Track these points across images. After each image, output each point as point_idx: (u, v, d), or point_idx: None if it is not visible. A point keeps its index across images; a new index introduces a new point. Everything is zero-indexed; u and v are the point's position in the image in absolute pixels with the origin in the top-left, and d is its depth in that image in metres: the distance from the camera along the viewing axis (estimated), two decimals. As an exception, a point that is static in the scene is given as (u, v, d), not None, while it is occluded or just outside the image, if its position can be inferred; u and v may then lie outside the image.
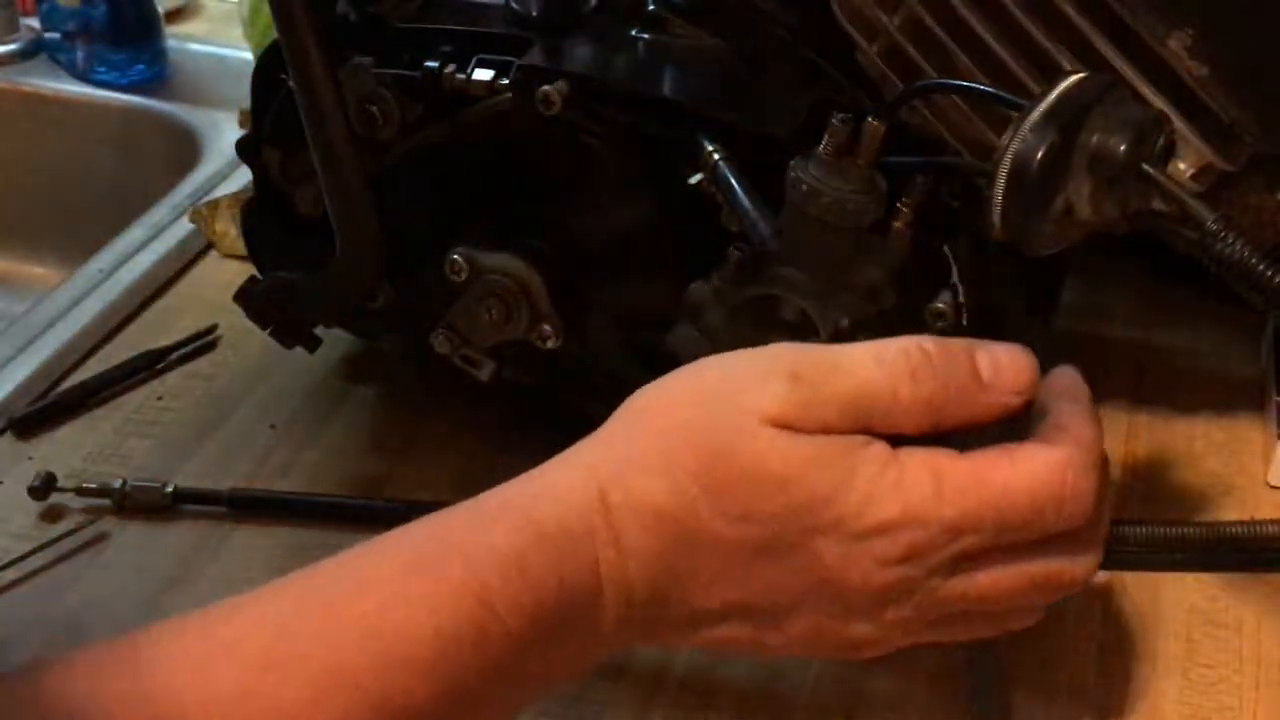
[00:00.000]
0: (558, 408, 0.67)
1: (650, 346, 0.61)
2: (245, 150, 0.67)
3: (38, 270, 1.07)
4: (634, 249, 0.63)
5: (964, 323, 0.59)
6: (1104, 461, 0.49)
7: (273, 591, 0.46)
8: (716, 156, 0.58)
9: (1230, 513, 0.67)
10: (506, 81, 0.60)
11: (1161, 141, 0.50)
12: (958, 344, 0.49)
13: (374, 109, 0.62)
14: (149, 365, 0.76)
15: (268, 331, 0.69)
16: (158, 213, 0.89)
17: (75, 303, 0.80)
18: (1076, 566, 0.50)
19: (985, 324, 0.58)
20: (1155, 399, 0.73)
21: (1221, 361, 0.77)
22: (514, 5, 0.64)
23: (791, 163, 0.57)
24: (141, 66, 1.05)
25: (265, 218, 0.70)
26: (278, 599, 0.46)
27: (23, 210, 1.08)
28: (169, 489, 0.66)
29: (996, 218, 0.49)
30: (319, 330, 0.71)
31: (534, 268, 0.62)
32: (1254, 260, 0.48)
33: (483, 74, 0.61)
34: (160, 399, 0.74)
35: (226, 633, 0.44)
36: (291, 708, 0.43)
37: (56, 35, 1.06)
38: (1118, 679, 0.59)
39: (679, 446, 0.48)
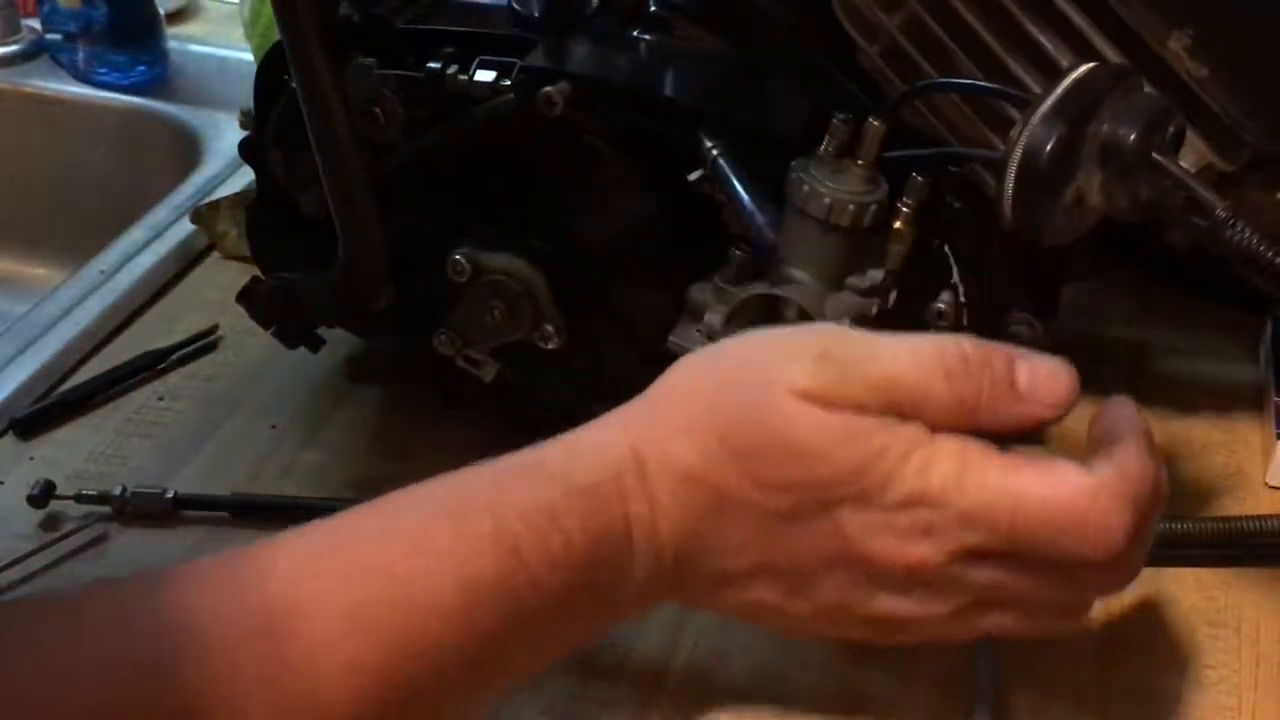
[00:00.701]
0: (560, 409, 0.67)
1: (652, 346, 0.61)
2: (248, 151, 0.68)
3: (39, 271, 1.07)
4: (636, 249, 0.63)
5: (964, 323, 0.59)
6: (1154, 497, 0.48)
7: (293, 537, 0.46)
8: (715, 152, 0.58)
9: (1230, 513, 0.67)
10: (509, 83, 0.60)
11: (1171, 130, 0.50)
12: (999, 350, 0.49)
13: (377, 110, 0.62)
14: (150, 366, 0.76)
15: (271, 332, 0.69)
16: (159, 213, 0.89)
17: (76, 303, 0.80)
18: (1101, 590, 0.51)
19: (985, 324, 0.58)
20: (1155, 399, 0.73)
21: (1221, 361, 0.77)
22: (516, 6, 0.64)
23: (793, 163, 0.57)
24: (143, 68, 1.05)
25: (268, 218, 0.70)
26: (298, 545, 0.46)
27: (24, 211, 1.08)
28: (169, 495, 0.66)
29: (1008, 210, 0.49)
30: (321, 330, 0.71)
31: (536, 268, 0.62)
32: (1262, 247, 0.48)
33: (485, 75, 0.61)
34: (161, 399, 0.74)
35: (248, 575, 0.45)
36: (305, 648, 0.43)
37: (58, 36, 1.06)
38: (1117, 679, 0.59)
39: (709, 413, 0.49)
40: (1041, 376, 0.49)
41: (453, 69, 0.61)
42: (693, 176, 0.59)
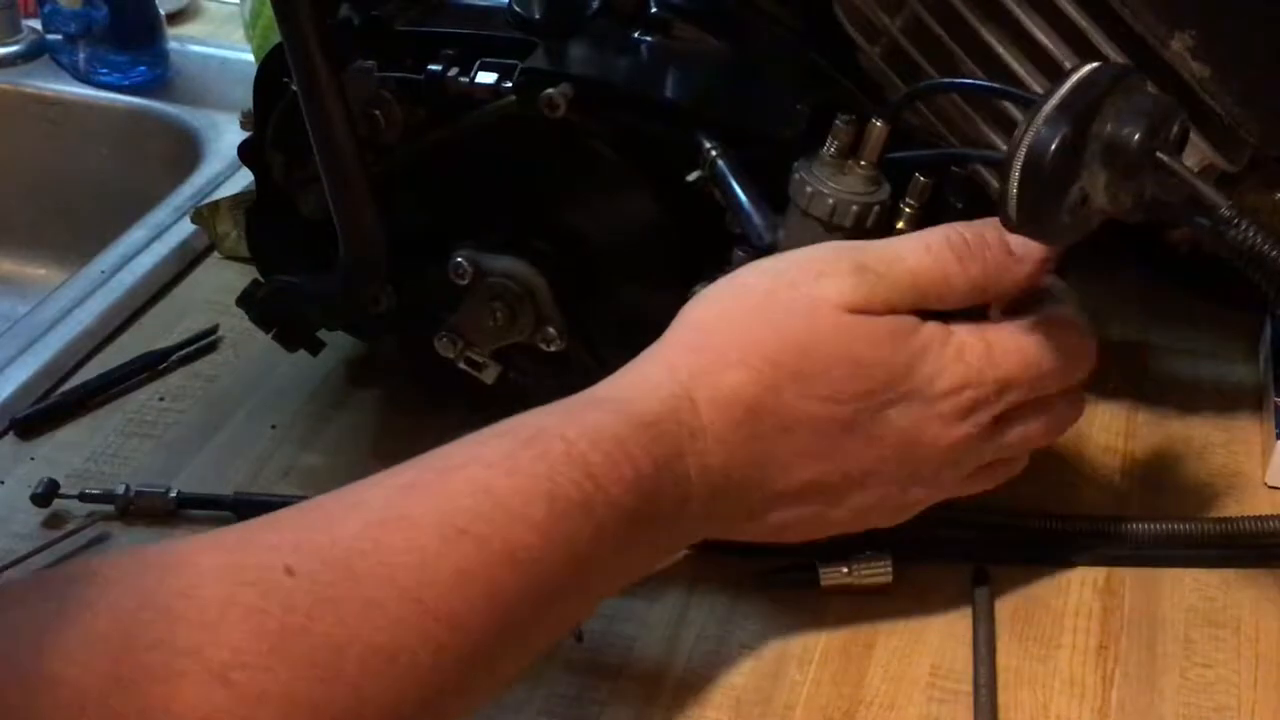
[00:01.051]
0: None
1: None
2: (248, 154, 0.68)
3: (39, 271, 1.08)
4: (638, 251, 0.63)
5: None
6: None
7: (384, 473, 0.48)
8: (714, 153, 0.58)
9: (1229, 513, 0.67)
10: (510, 85, 0.60)
11: (1175, 129, 0.50)
12: (984, 224, 0.54)
13: (377, 113, 0.62)
14: (151, 366, 0.76)
15: (271, 335, 0.69)
16: (159, 214, 0.89)
17: (77, 304, 0.80)
18: (1077, 410, 0.58)
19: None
20: (1155, 399, 0.73)
21: (1221, 362, 0.77)
22: (516, 8, 0.64)
23: (795, 164, 0.57)
24: (143, 68, 1.05)
25: (267, 220, 0.70)
26: (392, 475, 0.47)
27: (25, 211, 1.08)
28: (173, 494, 0.66)
29: (1012, 210, 0.49)
30: (322, 332, 0.71)
31: (538, 270, 0.62)
32: (1266, 247, 0.48)
33: (486, 77, 0.61)
34: (162, 400, 0.74)
35: (349, 497, 0.46)
36: (413, 557, 0.44)
37: (58, 37, 1.05)
38: (1116, 679, 0.59)
39: (756, 341, 0.52)
40: (1026, 239, 0.53)
41: (453, 71, 0.61)
42: (691, 177, 0.59)
